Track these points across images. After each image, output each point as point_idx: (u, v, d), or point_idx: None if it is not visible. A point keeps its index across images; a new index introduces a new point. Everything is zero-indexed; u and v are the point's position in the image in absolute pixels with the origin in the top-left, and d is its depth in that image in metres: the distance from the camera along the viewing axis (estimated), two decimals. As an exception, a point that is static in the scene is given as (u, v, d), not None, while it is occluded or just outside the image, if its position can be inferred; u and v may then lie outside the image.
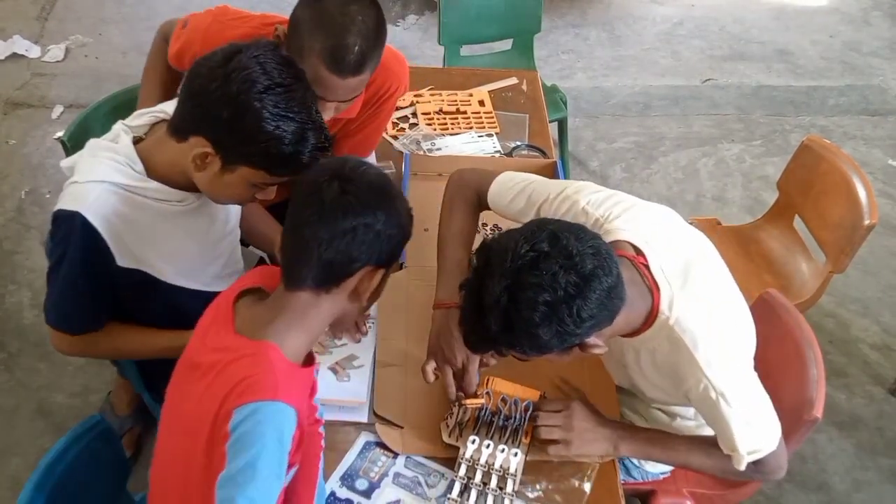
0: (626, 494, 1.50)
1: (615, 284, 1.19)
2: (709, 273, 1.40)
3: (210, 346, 1.19)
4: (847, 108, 3.88)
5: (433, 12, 4.10)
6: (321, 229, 1.13)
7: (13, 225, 2.94)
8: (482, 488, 1.43)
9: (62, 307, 1.47)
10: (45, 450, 1.32)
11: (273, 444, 1.08)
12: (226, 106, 1.26)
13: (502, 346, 1.24)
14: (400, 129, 2.26)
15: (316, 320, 1.19)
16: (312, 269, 1.15)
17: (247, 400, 1.08)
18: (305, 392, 1.25)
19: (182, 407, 1.20)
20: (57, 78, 3.65)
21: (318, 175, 1.16)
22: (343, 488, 1.44)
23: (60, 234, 1.40)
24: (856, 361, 2.69)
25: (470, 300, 1.23)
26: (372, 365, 1.63)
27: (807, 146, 2.24)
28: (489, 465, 1.46)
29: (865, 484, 2.37)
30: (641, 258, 1.34)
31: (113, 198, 1.39)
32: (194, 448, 1.13)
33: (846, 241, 2.06)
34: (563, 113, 3.04)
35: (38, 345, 2.53)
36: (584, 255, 1.16)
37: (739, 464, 1.37)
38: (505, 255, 1.18)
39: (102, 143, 1.45)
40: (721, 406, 1.31)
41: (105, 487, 1.47)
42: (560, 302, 1.15)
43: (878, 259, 3.03)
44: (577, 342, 1.22)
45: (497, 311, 1.17)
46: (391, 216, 1.16)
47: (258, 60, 1.27)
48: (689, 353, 1.30)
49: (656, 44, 4.22)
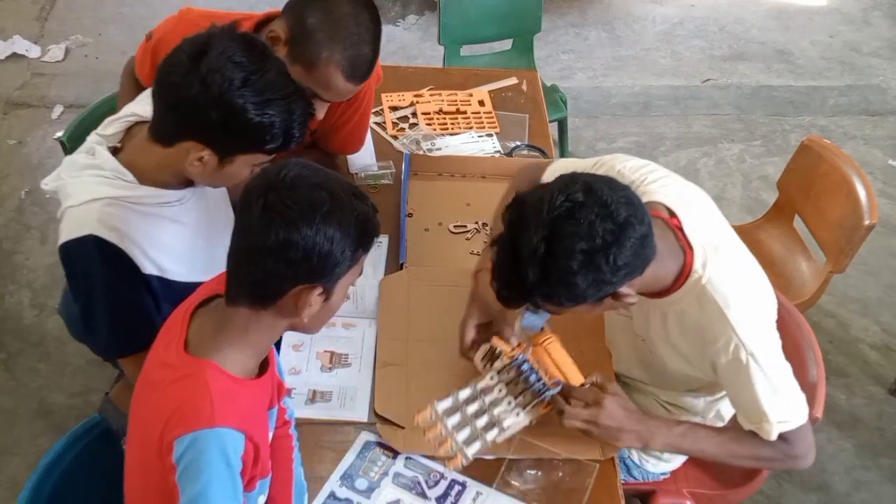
0: (627, 494, 1.50)
1: (647, 233, 1.22)
2: (739, 248, 1.42)
3: (159, 360, 1.17)
4: (847, 108, 3.87)
5: (433, 12, 4.10)
6: (245, 247, 1.10)
7: (13, 225, 2.95)
8: (470, 420, 1.42)
9: (122, 330, 1.43)
10: (45, 450, 1.32)
11: (220, 470, 1.07)
12: (212, 109, 1.25)
13: (538, 298, 1.24)
14: (400, 129, 2.26)
15: (259, 336, 1.15)
16: (243, 286, 1.11)
17: (184, 431, 1.06)
18: (260, 403, 1.21)
19: (135, 423, 1.19)
20: (57, 78, 3.65)
21: (254, 184, 1.10)
22: (343, 488, 1.44)
23: (78, 265, 1.38)
24: (856, 361, 2.68)
25: (504, 254, 1.24)
26: (372, 370, 1.63)
27: (807, 146, 2.24)
28: (490, 405, 1.44)
29: (865, 484, 2.37)
30: (675, 220, 1.36)
31: (115, 211, 1.37)
32: (146, 472, 1.13)
33: (846, 241, 2.06)
34: (563, 113, 3.04)
35: (38, 345, 2.53)
36: (618, 204, 1.18)
37: (769, 434, 1.36)
38: (540, 206, 1.19)
39: (80, 160, 1.42)
40: (751, 368, 1.31)
41: (104, 488, 1.46)
42: (597, 250, 1.16)
43: (879, 259, 3.03)
44: (611, 291, 1.23)
45: (534, 261, 1.18)
46: (321, 231, 1.05)
47: (227, 56, 1.25)
48: (721, 311, 1.31)
49: (656, 44, 4.22)
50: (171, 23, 1.75)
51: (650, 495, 1.76)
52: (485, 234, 1.97)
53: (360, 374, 1.63)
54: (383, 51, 1.70)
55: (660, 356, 1.50)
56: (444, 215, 1.99)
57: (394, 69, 2.57)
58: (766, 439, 1.38)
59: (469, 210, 2.02)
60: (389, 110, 2.30)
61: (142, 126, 1.42)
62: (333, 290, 1.13)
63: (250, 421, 1.13)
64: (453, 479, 1.46)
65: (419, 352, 1.65)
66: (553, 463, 1.48)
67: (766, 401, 1.34)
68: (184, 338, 1.15)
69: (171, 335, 1.16)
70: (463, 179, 2.11)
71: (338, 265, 1.09)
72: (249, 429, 1.12)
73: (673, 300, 1.37)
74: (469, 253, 1.91)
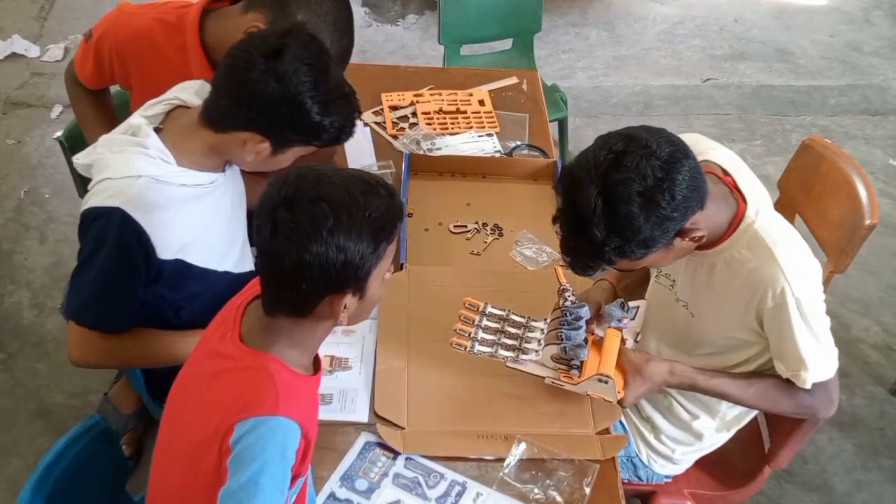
0: (627, 495, 1.49)
1: (697, 167, 1.26)
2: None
3: (215, 351, 1.18)
4: (848, 107, 3.87)
5: (433, 12, 4.09)
6: (267, 270, 1.11)
7: (12, 225, 2.94)
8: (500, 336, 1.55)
9: (98, 304, 1.45)
10: (44, 450, 1.31)
11: (276, 459, 1.07)
12: (284, 106, 1.34)
13: (611, 254, 1.27)
14: (400, 129, 2.25)
15: (305, 337, 1.17)
16: (276, 302, 1.13)
17: (248, 415, 1.07)
18: (313, 401, 1.23)
19: (184, 412, 1.20)
20: (56, 77, 3.64)
21: (260, 205, 1.10)
22: (343, 488, 1.43)
23: (94, 230, 1.39)
24: (857, 362, 2.68)
25: (567, 222, 1.29)
26: (372, 371, 1.62)
27: (807, 146, 2.23)
28: (523, 339, 1.55)
29: (866, 484, 2.37)
30: (729, 178, 1.40)
31: (152, 191, 1.40)
32: (196, 458, 1.12)
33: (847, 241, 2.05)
34: (564, 112, 3.04)
35: (38, 345, 2.53)
36: (660, 143, 1.23)
37: (805, 383, 1.40)
38: (587, 167, 1.24)
39: (123, 138, 1.45)
40: (796, 314, 1.35)
41: (104, 488, 1.47)
42: (652, 188, 1.21)
43: (879, 259, 3.03)
44: (676, 227, 1.26)
45: (596, 217, 1.22)
46: (330, 245, 1.05)
47: (301, 59, 1.34)
48: (772, 254, 1.34)
49: (657, 43, 4.22)
50: (110, 18, 1.75)
51: (651, 496, 1.76)
52: (485, 234, 1.96)
53: (360, 377, 1.62)
54: (383, 50, 1.73)
55: (701, 319, 1.51)
56: (444, 215, 1.99)
57: (394, 69, 2.57)
58: (802, 387, 1.42)
59: (469, 210, 2.02)
60: (389, 110, 2.30)
61: (183, 110, 1.48)
62: (366, 287, 1.13)
63: (306, 416, 1.15)
64: (453, 479, 1.45)
65: (419, 352, 1.65)
66: (553, 463, 1.47)
67: (807, 349, 1.38)
68: (238, 331, 1.16)
69: (225, 328, 1.18)
70: (463, 179, 2.11)
71: (360, 269, 1.09)
72: (305, 424, 1.13)
73: (725, 247, 1.40)
74: (469, 253, 1.91)
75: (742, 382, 1.49)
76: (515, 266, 1.89)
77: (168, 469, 1.22)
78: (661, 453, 1.70)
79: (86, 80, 1.83)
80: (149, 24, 1.70)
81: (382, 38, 4.01)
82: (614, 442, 1.53)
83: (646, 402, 1.68)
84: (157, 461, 1.25)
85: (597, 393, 1.48)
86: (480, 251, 1.92)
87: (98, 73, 1.79)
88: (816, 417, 1.53)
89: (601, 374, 1.44)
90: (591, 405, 1.58)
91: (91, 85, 1.84)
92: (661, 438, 1.69)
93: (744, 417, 1.66)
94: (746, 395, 1.49)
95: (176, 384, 1.24)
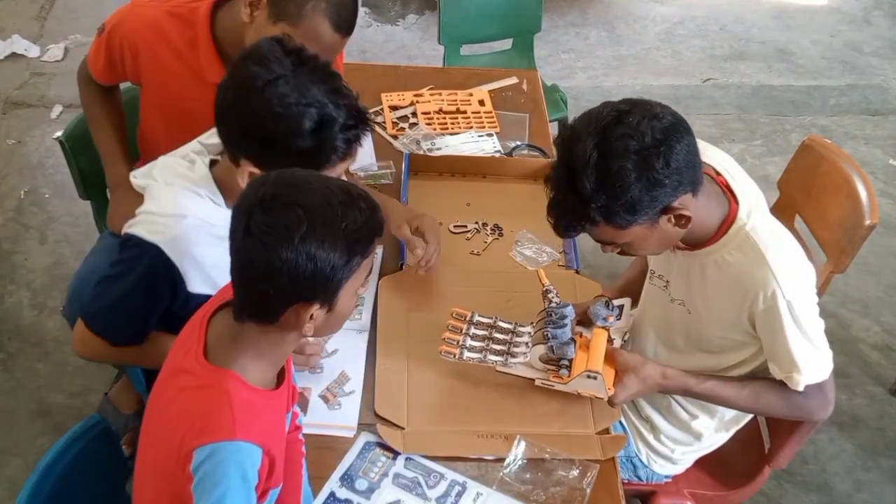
0: (627, 495, 1.49)
1: (695, 146, 1.27)
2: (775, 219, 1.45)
3: (179, 367, 1.16)
4: (848, 107, 3.87)
5: (433, 12, 4.09)
6: (237, 270, 1.09)
7: (12, 225, 2.94)
8: (488, 342, 1.56)
9: (111, 318, 1.44)
10: (44, 450, 1.31)
11: (236, 484, 1.06)
12: (303, 140, 1.27)
13: (595, 214, 1.26)
14: (400, 129, 2.25)
15: (272, 348, 1.14)
16: (244, 306, 1.11)
17: (204, 441, 1.05)
18: (278, 414, 1.21)
19: (152, 430, 1.19)
20: (56, 77, 3.64)
21: (238, 204, 1.08)
22: (343, 489, 1.43)
23: (132, 254, 1.39)
24: (857, 362, 2.68)
25: (558, 178, 1.29)
26: (362, 388, 1.60)
27: (807, 146, 2.23)
28: (511, 344, 1.56)
29: (866, 484, 2.37)
30: (721, 178, 1.40)
31: (196, 231, 1.37)
32: (163, 477, 1.12)
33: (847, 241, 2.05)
34: (564, 112, 3.03)
35: (38, 345, 2.53)
36: (664, 111, 1.26)
37: (798, 385, 1.40)
38: (588, 122, 1.25)
39: (177, 167, 1.42)
40: (787, 317, 1.34)
41: (104, 488, 1.47)
42: (649, 147, 1.21)
43: (879, 259, 3.03)
44: (665, 200, 1.25)
45: (588, 168, 1.22)
46: (300, 252, 1.02)
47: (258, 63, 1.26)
48: (762, 256, 1.34)
49: (657, 43, 4.22)
50: (122, 11, 1.75)
51: (651, 496, 1.76)
52: (485, 234, 1.96)
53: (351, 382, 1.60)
54: (383, 50, 1.71)
55: (698, 316, 1.51)
56: (444, 215, 1.98)
57: (394, 68, 2.57)
58: (794, 389, 1.41)
59: (469, 210, 2.02)
60: (389, 110, 2.30)
61: None
62: (335, 300, 1.10)
63: (268, 433, 1.13)
64: (453, 479, 1.45)
65: (419, 352, 1.65)
66: (553, 463, 1.47)
67: (799, 351, 1.37)
68: (202, 345, 1.14)
69: (190, 342, 1.16)
70: (463, 179, 2.11)
71: (329, 280, 1.06)
72: (267, 442, 1.11)
73: (715, 249, 1.40)
74: (469, 253, 1.91)
75: (735, 385, 1.49)
76: (515, 266, 1.89)
77: (143, 484, 1.21)
78: (661, 453, 1.70)
79: (97, 74, 1.82)
80: (160, 16, 1.70)
81: (382, 38, 4.00)
82: (614, 442, 1.53)
83: (645, 403, 1.68)
84: (136, 473, 1.24)
85: (587, 390, 1.49)
86: (480, 251, 1.92)
87: (109, 67, 1.78)
88: (812, 419, 1.53)
89: (590, 370, 1.45)
90: (592, 405, 1.58)
91: (102, 80, 1.84)
92: (660, 438, 1.69)
93: (742, 418, 1.66)
94: (740, 398, 1.49)
95: (149, 399, 1.22)
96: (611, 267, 2.84)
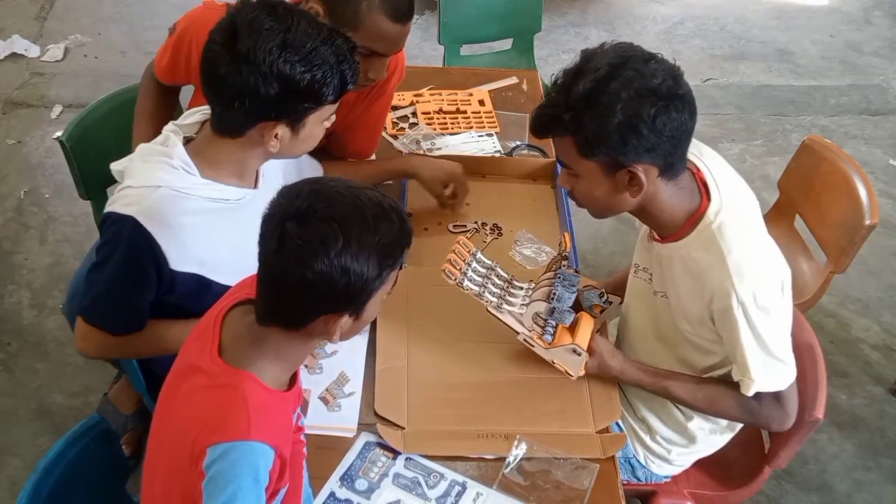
0: (627, 495, 1.49)
1: (690, 133, 1.30)
2: (758, 220, 1.45)
3: (193, 365, 1.16)
4: (848, 107, 3.87)
5: (433, 12, 4.09)
6: (267, 279, 1.09)
7: (12, 225, 2.94)
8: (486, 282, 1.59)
9: (106, 305, 1.45)
10: (44, 451, 1.31)
11: (248, 484, 1.06)
12: (268, 86, 1.27)
13: (567, 118, 1.28)
14: (400, 129, 2.25)
15: (293, 352, 1.16)
16: (271, 313, 1.11)
17: (219, 439, 1.06)
18: (289, 415, 1.22)
19: (164, 427, 1.19)
20: (56, 77, 3.64)
21: (270, 212, 1.08)
22: (343, 489, 1.43)
23: (109, 234, 1.40)
24: (857, 362, 2.68)
25: (564, 76, 1.31)
26: (361, 389, 1.60)
27: (807, 146, 2.23)
28: (508, 294, 1.59)
29: (866, 484, 2.36)
30: (700, 174, 1.41)
31: (171, 202, 1.38)
32: (175, 475, 1.12)
33: (847, 241, 2.05)
34: (564, 112, 3.03)
35: (38, 345, 2.53)
36: (685, 86, 1.29)
37: (747, 389, 1.41)
38: (620, 47, 1.30)
39: (154, 147, 1.44)
40: (741, 319, 1.34)
41: (104, 488, 1.47)
42: (647, 95, 1.24)
43: (879, 259, 3.02)
44: (632, 152, 1.27)
45: (591, 77, 1.25)
46: (335, 266, 1.03)
47: (256, 28, 1.27)
48: (723, 258, 1.34)
49: (657, 43, 4.21)
50: (195, 13, 1.74)
51: (651, 496, 1.76)
52: (484, 233, 1.96)
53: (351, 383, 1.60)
54: (383, 51, 1.68)
55: (675, 310, 1.52)
56: (443, 215, 1.99)
57: (394, 69, 2.57)
58: (746, 394, 1.42)
59: (469, 210, 2.01)
60: (390, 110, 2.30)
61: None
62: (364, 309, 1.12)
63: (280, 434, 1.13)
64: (453, 479, 1.45)
65: (419, 352, 1.65)
66: (553, 463, 1.47)
67: (752, 356, 1.37)
68: (217, 343, 1.14)
69: (204, 340, 1.16)
70: (463, 179, 2.10)
71: (361, 293, 1.08)
72: (279, 443, 1.11)
73: (684, 245, 1.40)
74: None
75: (691, 387, 1.51)
76: (515, 266, 1.89)
77: (152, 481, 1.21)
78: (657, 454, 1.69)
79: (160, 71, 1.81)
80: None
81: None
82: (614, 441, 1.53)
83: (640, 403, 1.68)
84: (145, 471, 1.24)
85: (562, 364, 1.53)
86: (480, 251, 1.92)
87: (172, 66, 1.77)
88: (769, 429, 1.53)
89: (577, 346, 1.50)
90: (592, 404, 1.58)
91: (163, 78, 1.83)
92: (656, 439, 1.68)
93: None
94: (696, 400, 1.51)
95: (161, 395, 1.22)
96: (610, 267, 2.85)
